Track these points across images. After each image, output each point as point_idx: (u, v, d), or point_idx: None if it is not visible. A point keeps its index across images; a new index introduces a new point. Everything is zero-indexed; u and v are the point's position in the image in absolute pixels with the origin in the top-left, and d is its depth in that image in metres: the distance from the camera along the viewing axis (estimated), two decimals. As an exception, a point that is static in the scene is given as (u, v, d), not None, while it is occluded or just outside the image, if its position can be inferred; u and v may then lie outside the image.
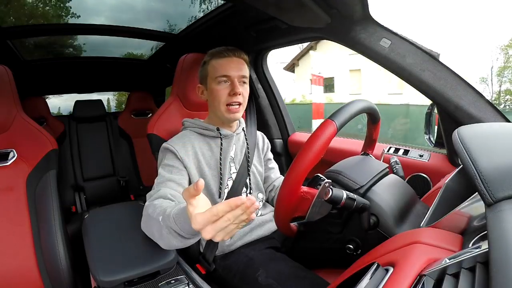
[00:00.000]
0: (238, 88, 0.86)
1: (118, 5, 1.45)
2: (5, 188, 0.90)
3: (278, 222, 0.65)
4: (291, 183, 0.58)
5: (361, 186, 0.64)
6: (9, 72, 0.97)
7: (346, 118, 0.61)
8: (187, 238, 0.61)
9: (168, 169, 0.85)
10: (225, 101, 0.88)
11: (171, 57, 1.89)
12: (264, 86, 1.49)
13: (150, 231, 0.70)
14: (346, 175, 0.67)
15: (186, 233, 0.59)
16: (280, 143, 1.51)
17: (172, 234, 0.61)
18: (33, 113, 1.92)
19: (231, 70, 0.87)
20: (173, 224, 0.59)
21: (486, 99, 0.81)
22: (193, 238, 0.63)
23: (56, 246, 0.87)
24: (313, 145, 0.57)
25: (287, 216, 0.64)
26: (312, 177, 0.73)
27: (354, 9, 0.83)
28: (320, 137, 0.57)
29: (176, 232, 0.60)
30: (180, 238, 0.61)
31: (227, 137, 0.95)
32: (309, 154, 0.57)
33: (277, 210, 0.63)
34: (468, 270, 0.32)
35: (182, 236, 0.60)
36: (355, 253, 0.64)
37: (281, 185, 0.60)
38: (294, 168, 0.58)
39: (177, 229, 0.59)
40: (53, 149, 0.97)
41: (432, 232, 0.44)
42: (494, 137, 0.47)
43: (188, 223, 0.52)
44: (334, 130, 0.58)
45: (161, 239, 0.65)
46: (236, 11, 1.16)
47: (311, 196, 0.61)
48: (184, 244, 0.64)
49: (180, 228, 0.59)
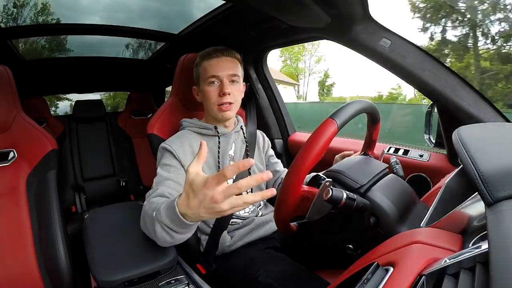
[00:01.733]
0: (226, 88, 0.87)
1: (112, 4, 1.45)
2: (5, 188, 0.90)
3: (278, 221, 0.65)
4: (292, 182, 0.58)
5: (361, 185, 0.64)
6: (9, 72, 0.97)
7: (347, 118, 0.61)
8: (177, 233, 0.63)
9: (167, 168, 0.86)
10: (216, 101, 0.89)
11: (171, 57, 1.89)
12: (264, 86, 1.49)
13: (147, 228, 0.71)
14: (346, 174, 0.66)
15: (175, 225, 0.61)
16: (280, 143, 1.51)
17: (164, 229, 0.63)
18: (33, 113, 1.92)
19: (220, 70, 0.88)
20: (164, 217, 0.61)
21: (486, 99, 0.81)
22: (183, 233, 0.65)
23: (56, 246, 0.87)
24: (314, 144, 0.57)
25: (287, 215, 0.63)
26: (312, 176, 0.73)
27: (354, 9, 0.83)
28: (321, 136, 0.57)
29: (166, 226, 0.62)
30: (171, 233, 0.63)
31: (225, 135, 0.95)
32: (310, 153, 0.56)
33: (277, 209, 0.62)
34: (468, 270, 0.32)
35: (172, 229, 0.62)
36: (355, 253, 0.64)
37: (282, 184, 0.60)
38: (295, 167, 0.58)
39: (167, 223, 0.61)
40: (53, 149, 0.97)
41: (432, 232, 0.44)
42: (494, 137, 0.47)
43: (178, 216, 0.57)
44: (335, 129, 0.58)
45: (155, 235, 0.67)
46: (236, 11, 1.16)
47: (311, 195, 0.61)
48: (174, 240, 0.66)
49: (170, 220, 0.61)
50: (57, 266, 0.86)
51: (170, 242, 0.68)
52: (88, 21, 1.49)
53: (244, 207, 0.60)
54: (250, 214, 0.97)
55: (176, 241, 0.68)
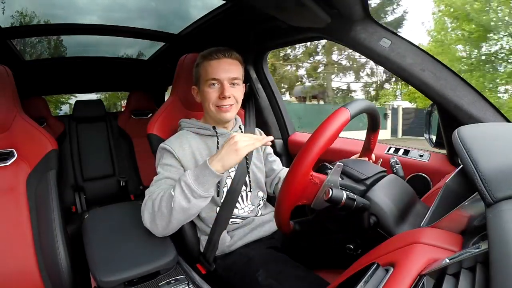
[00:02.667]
0: (227, 92, 0.87)
1: (110, 4, 1.45)
2: (5, 188, 0.90)
3: (280, 209, 0.62)
4: (300, 166, 0.56)
5: (367, 177, 0.64)
6: (9, 72, 0.97)
7: (359, 109, 0.62)
8: (195, 198, 0.74)
9: (167, 168, 0.86)
10: (215, 103, 0.89)
11: (171, 57, 1.89)
12: (264, 86, 1.49)
13: (158, 214, 0.76)
14: (352, 165, 0.67)
15: (197, 184, 0.74)
16: (280, 143, 1.51)
17: (184, 191, 0.73)
18: (33, 113, 1.92)
19: (221, 72, 0.87)
20: (188, 177, 0.74)
21: (486, 99, 0.81)
22: (200, 198, 0.75)
23: (56, 246, 0.87)
24: (325, 129, 0.56)
25: (291, 203, 0.61)
26: (319, 165, 0.72)
27: (354, 9, 0.83)
28: (333, 122, 0.57)
29: (188, 187, 0.73)
30: (190, 196, 0.73)
31: (223, 135, 0.95)
32: (321, 138, 0.55)
33: (282, 195, 0.60)
34: (468, 270, 0.32)
35: (193, 190, 0.73)
36: (355, 253, 0.64)
37: (289, 169, 0.58)
38: (305, 151, 0.56)
39: (190, 182, 0.73)
40: (53, 149, 0.97)
41: (432, 232, 0.44)
42: (494, 137, 0.47)
43: (207, 168, 0.74)
44: (347, 118, 0.58)
45: (172, 200, 0.74)
46: (236, 11, 1.16)
47: (319, 181, 0.60)
48: (190, 205, 0.74)
49: (194, 178, 0.74)
50: (57, 266, 0.86)
51: (185, 207, 0.74)
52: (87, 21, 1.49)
53: (253, 143, 0.75)
54: (249, 214, 0.97)
55: (191, 208, 0.75)
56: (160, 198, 0.77)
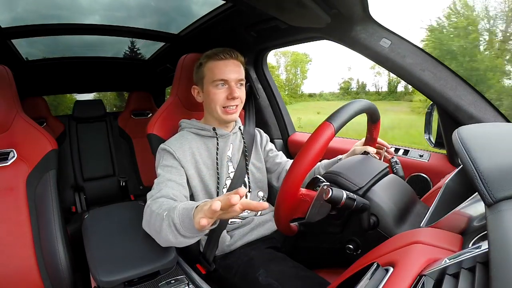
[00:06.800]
0: (236, 93, 0.87)
1: (112, 3, 1.45)
2: (5, 188, 0.90)
3: (278, 223, 0.65)
4: (290, 185, 0.59)
5: (360, 187, 0.64)
6: (9, 72, 0.97)
7: (344, 120, 0.61)
8: (181, 235, 0.64)
9: (167, 169, 0.86)
10: (222, 104, 0.89)
11: (171, 57, 1.89)
12: (264, 86, 1.49)
13: (151, 224, 0.72)
14: (345, 176, 0.67)
15: (185, 229, 0.63)
16: (280, 143, 1.51)
17: (171, 228, 0.64)
18: (33, 113, 1.92)
19: (229, 73, 0.87)
20: (176, 216, 0.63)
21: (486, 99, 0.81)
22: (189, 238, 0.66)
23: (56, 246, 0.87)
24: (311, 148, 0.57)
25: (286, 218, 0.64)
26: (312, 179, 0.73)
27: (354, 9, 0.83)
28: (317, 140, 0.58)
29: (175, 226, 0.64)
30: (176, 234, 0.64)
31: (223, 136, 0.95)
32: (307, 157, 0.57)
33: (277, 212, 0.63)
34: (468, 270, 0.32)
35: (178, 230, 0.63)
36: (355, 253, 0.64)
37: (280, 187, 0.61)
38: (292, 170, 0.58)
39: (176, 222, 0.63)
40: (53, 149, 0.97)
41: (432, 232, 0.44)
42: (494, 137, 0.47)
43: (191, 219, 0.60)
44: (332, 133, 0.59)
45: (159, 233, 0.68)
46: (236, 11, 1.16)
47: (310, 198, 0.61)
48: (176, 241, 0.67)
49: (180, 220, 0.63)
50: (57, 266, 0.86)
51: (171, 242, 0.68)
52: (88, 21, 1.49)
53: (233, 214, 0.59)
54: (249, 214, 0.97)
55: (177, 244, 0.69)
56: (155, 216, 0.70)
